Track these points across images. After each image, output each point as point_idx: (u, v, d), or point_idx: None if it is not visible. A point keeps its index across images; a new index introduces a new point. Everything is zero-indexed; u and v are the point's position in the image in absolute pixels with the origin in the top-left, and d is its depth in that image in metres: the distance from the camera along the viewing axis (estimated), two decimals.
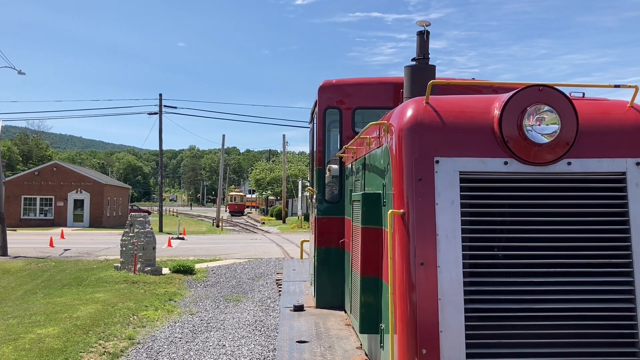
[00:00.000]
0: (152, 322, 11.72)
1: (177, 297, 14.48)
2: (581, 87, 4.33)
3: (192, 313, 12.70)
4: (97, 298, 13.60)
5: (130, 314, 12.11)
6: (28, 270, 19.81)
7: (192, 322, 11.83)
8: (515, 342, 3.76)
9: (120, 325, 11.15)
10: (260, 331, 10.95)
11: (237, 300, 14.36)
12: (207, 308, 13.32)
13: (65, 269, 19.11)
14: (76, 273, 18.01)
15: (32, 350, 9.11)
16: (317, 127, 8.17)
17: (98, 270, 18.32)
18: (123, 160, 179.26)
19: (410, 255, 3.77)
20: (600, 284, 3.85)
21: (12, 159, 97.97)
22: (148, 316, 12.16)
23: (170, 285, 16.06)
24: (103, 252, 25.07)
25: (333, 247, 7.66)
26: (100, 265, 19.50)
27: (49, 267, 20.06)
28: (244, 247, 28.72)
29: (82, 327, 10.69)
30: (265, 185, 75.95)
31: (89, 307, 12.44)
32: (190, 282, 16.95)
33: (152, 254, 17.66)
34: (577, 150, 3.91)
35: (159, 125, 46.95)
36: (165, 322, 11.84)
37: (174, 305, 13.56)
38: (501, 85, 5.97)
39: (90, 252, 25.31)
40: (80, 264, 20.37)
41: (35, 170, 53.88)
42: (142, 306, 12.90)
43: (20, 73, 28.01)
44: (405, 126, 4.02)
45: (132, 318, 11.81)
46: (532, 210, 3.89)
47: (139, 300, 13.43)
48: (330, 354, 5.57)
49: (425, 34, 6.19)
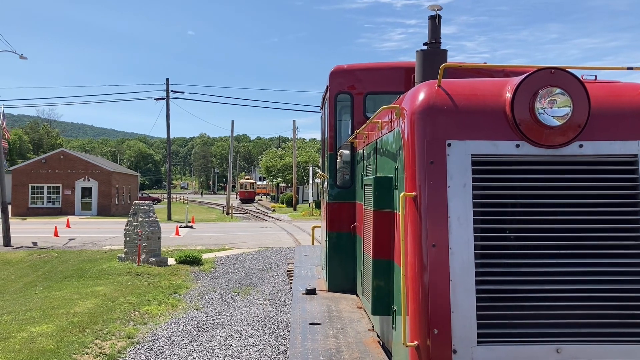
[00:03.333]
0: (155, 318, 10.98)
1: (183, 290, 13.72)
2: (593, 69, 4.31)
3: (198, 308, 11.92)
4: (97, 292, 12.89)
5: (131, 309, 11.38)
6: (30, 261, 19.15)
7: (197, 318, 11.05)
8: (526, 323, 3.79)
9: (120, 322, 10.42)
10: (270, 329, 10.14)
11: (245, 293, 13.58)
12: (214, 302, 12.55)
13: (67, 260, 18.43)
14: (78, 264, 17.32)
15: (22, 352, 8.41)
16: (328, 113, 8.15)
17: (101, 261, 17.62)
18: (134, 148, 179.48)
19: (422, 237, 3.80)
20: (611, 265, 3.86)
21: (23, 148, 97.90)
22: (150, 311, 11.42)
23: (175, 277, 15.32)
24: (108, 241, 24.39)
25: (344, 232, 7.71)
26: (104, 256, 18.80)
27: (51, 257, 19.40)
28: (254, 235, 27.97)
29: (78, 325, 9.98)
30: (275, 173, 75.42)
31: (88, 302, 11.73)
32: (197, 273, 16.19)
33: (157, 243, 16.92)
34: (589, 133, 3.91)
35: (167, 110, 46.19)
36: (168, 318, 11.09)
37: (179, 299, 12.80)
38: (513, 69, 5.85)
39: (96, 241, 24.65)
40: (83, 254, 19.70)
41: (42, 158, 53.20)
42: (144, 300, 12.16)
43: (22, 57, 27.23)
44: (417, 109, 4.02)
45: (133, 314, 11.06)
46: (543, 193, 3.91)
47: (142, 294, 12.68)
48: (342, 335, 5.63)
49: (437, 18, 6.19)
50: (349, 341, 5.47)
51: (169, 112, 46.48)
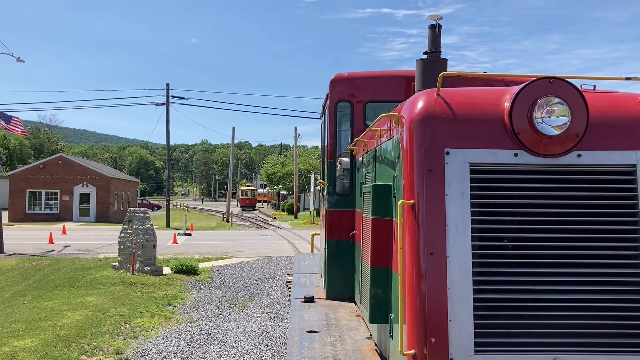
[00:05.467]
0: (146, 332, 10.44)
1: (177, 302, 13.19)
2: (592, 79, 4.30)
3: (192, 321, 11.38)
4: (88, 302, 12.38)
5: (122, 321, 10.86)
6: (21, 269, 18.59)
7: (191, 332, 10.51)
8: (524, 332, 3.78)
9: (109, 335, 9.92)
10: (267, 345, 9.61)
11: (242, 305, 13.05)
12: (209, 315, 12.01)
13: (60, 268, 17.90)
14: (71, 273, 16.79)
15: None
16: (328, 120, 8.17)
17: (95, 269, 17.10)
18: (135, 155, 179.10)
19: (420, 245, 3.80)
20: (609, 275, 3.86)
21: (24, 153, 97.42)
22: (142, 324, 10.90)
23: (170, 287, 14.79)
24: (104, 249, 23.84)
25: (344, 240, 7.71)
26: (98, 264, 18.27)
27: (43, 265, 18.86)
28: (254, 244, 27.44)
29: (64, 339, 9.48)
30: (277, 180, 74.90)
31: (77, 314, 11.21)
32: (193, 283, 15.66)
33: (152, 252, 16.39)
34: (588, 143, 3.92)
35: (167, 116, 45.74)
36: (160, 331, 10.56)
37: (173, 311, 12.27)
38: (513, 79, 5.89)
39: (91, 248, 24.11)
40: (77, 262, 19.18)
41: (40, 163, 52.67)
42: (136, 312, 11.62)
43: (19, 60, 26.79)
44: (416, 117, 4.04)
45: (123, 327, 10.54)
46: (541, 202, 3.92)
47: (134, 305, 12.14)
48: (340, 343, 5.63)
49: (437, 28, 6.25)
50: (347, 349, 5.46)
51: (169, 118, 46.07)
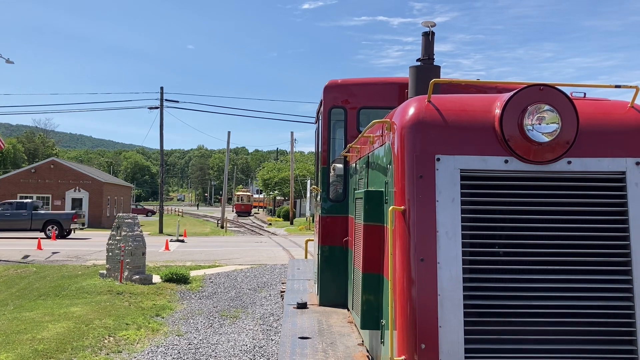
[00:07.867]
0: (131, 346, 9.86)
1: (166, 312, 12.59)
2: (582, 87, 4.34)
3: (180, 334, 10.78)
4: (71, 313, 11.75)
5: (106, 334, 10.27)
6: (5, 276, 17.94)
7: (179, 346, 9.91)
8: (514, 339, 3.79)
9: (91, 350, 9.33)
10: None
11: (234, 316, 12.44)
12: (199, 327, 11.40)
13: (46, 276, 17.25)
14: (57, 281, 16.15)
15: None
16: (322, 126, 8.18)
17: (82, 277, 16.47)
18: (130, 160, 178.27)
19: (411, 251, 3.82)
20: (599, 282, 3.89)
21: (17, 157, 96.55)
22: (127, 337, 10.31)
23: (159, 296, 14.18)
24: (94, 255, 23.17)
25: (337, 246, 7.68)
26: (85, 272, 17.64)
27: (29, 273, 18.20)
28: (248, 251, 26.84)
29: (43, 354, 8.90)
30: (273, 185, 74.31)
31: (59, 326, 10.60)
32: (184, 292, 15.05)
33: (141, 260, 15.78)
34: (577, 150, 3.95)
35: (160, 119, 45.25)
36: (146, 345, 9.98)
37: (161, 322, 11.66)
38: (505, 86, 5.83)
39: (80, 255, 23.44)
40: (64, 269, 18.54)
41: (32, 168, 52.02)
42: (122, 324, 11.02)
43: (8, 62, 26.20)
44: (407, 124, 4.07)
45: (107, 340, 9.95)
46: (532, 209, 3.94)
47: (120, 316, 11.54)
48: (332, 349, 5.62)
49: (430, 35, 6.32)
50: (338, 355, 5.44)
51: (163, 121, 45.58)
